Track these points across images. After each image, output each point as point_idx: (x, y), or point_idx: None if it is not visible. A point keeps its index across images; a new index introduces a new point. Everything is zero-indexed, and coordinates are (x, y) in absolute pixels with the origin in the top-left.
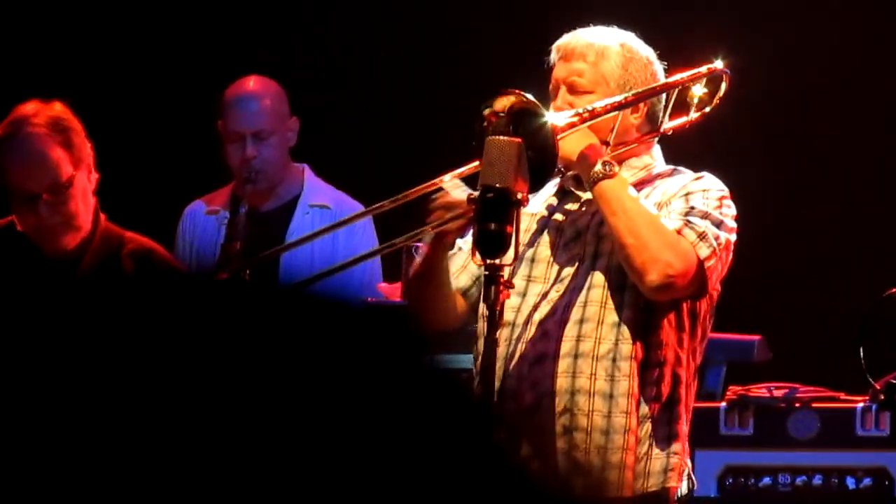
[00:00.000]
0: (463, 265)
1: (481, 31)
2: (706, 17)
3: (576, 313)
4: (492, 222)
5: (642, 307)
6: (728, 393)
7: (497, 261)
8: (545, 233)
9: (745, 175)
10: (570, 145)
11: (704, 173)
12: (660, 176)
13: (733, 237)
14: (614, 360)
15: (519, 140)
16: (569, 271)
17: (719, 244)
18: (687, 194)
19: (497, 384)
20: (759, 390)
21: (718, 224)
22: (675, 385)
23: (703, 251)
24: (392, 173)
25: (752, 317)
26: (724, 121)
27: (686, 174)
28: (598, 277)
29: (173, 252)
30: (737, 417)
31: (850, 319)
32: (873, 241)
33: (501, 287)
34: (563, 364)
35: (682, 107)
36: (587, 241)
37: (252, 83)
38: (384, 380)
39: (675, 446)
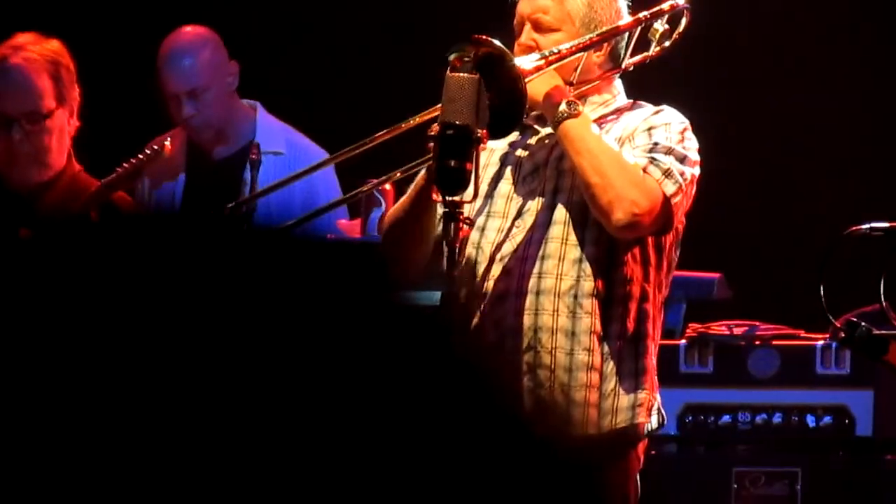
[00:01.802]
0: None
1: None
2: None
3: (537, 250)
4: (451, 159)
5: (605, 243)
6: (688, 331)
7: (457, 198)
8: (504, 167)
9: (705, 112)
10: (536, 87)
11: (664, 106)
12: (620, 110)
13: (697, 171)
14: (576, 296)
15: (477, 76)
16: (529, 207)
17: (685, 179)
18: (649, 129)
19: (459, 322)
20: (719, 328)
21: (682, 159)
22: (642, 320)
23: (669, 188)
24: (354, 115)
25: (712, 254)
26: (684, 55)
27: (646, 108)
28: (559, 213)
29: (134, 197)
30: (696, 355)
31: (810, 257)
32: (834, 179)
33: (461, 224)
34: (526, 301)
35: (642, 41)
36: (546, 175)
37: (181, 38)
38: (352, 315)
39: (643, 381)
